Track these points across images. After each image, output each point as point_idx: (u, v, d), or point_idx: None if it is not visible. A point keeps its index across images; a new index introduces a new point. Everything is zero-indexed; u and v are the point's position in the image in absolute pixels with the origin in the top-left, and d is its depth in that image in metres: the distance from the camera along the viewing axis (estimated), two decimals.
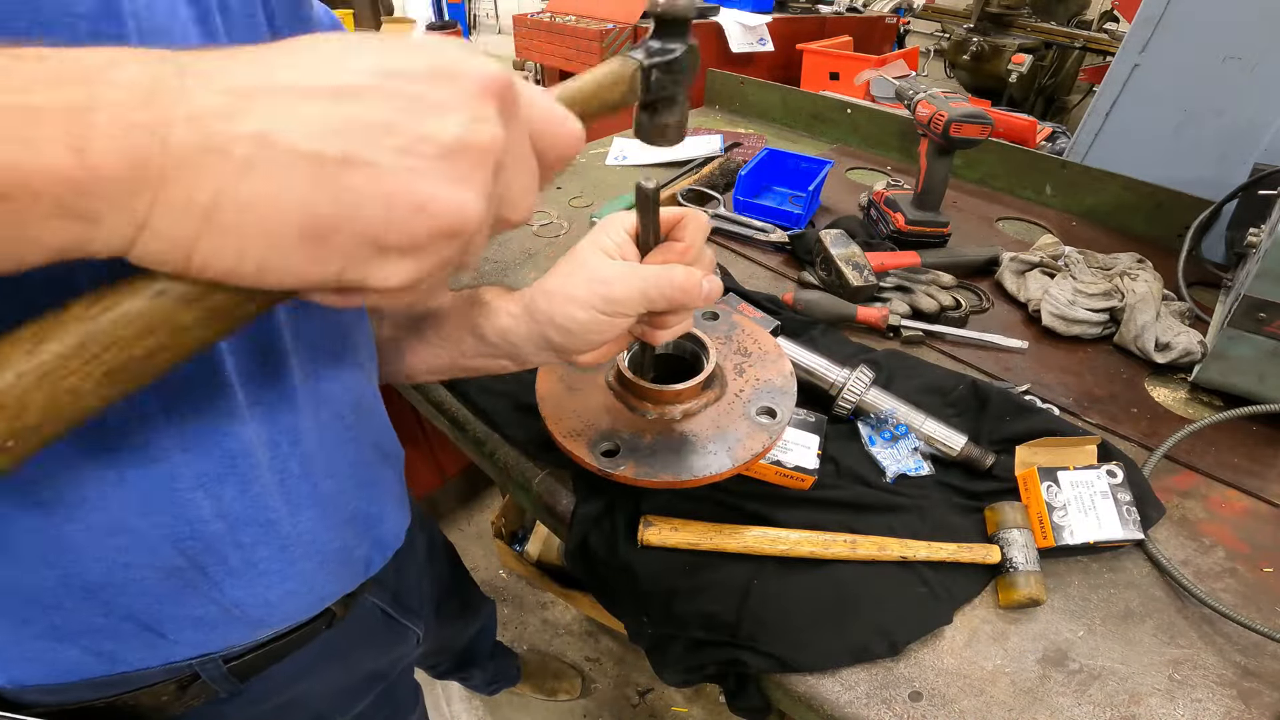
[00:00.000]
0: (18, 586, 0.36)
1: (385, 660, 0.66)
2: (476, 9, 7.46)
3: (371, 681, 0.64)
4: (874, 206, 1.16)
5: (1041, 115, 3.46)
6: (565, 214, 1.16)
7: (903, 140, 1.48)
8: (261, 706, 0.51)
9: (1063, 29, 3.53)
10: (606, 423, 0.56)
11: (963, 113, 0.96)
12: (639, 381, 0.55)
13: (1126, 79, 1.37)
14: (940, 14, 4.02)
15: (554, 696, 1.46)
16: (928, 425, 0.69)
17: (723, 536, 0.59)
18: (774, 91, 1.65)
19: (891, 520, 0.63)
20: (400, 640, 0.67)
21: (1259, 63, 1.21)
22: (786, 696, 0.54)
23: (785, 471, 0.63)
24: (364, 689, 0.64)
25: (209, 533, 0.39)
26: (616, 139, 1.48)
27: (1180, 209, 1.15)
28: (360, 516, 0.51)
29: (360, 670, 0.62)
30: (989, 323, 0.94)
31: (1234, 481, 0.72)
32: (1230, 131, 1.27)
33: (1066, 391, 0.83)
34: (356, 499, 0.50)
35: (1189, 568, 0.63)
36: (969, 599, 0.59)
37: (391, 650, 0.66)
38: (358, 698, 0.63)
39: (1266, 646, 0.57)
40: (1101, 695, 0.52)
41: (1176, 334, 0.85)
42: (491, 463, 0.72)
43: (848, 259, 0.93)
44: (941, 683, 0.53)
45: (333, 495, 0.47)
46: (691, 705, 1.47)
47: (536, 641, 1.58)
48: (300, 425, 0.42)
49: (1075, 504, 0.62)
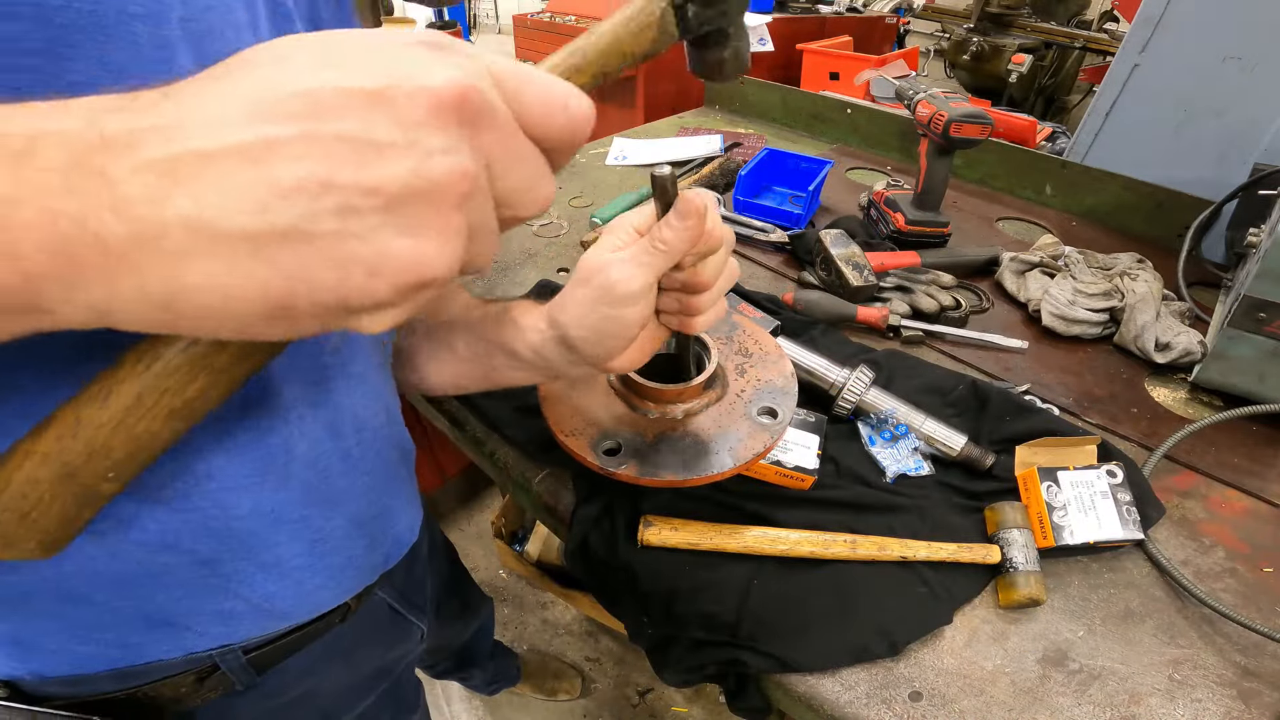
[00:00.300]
0: (48, 579, 0.36)
1: (391, 656, 0.66)
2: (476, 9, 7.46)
3: (377, 678, 0.65)
4: (874, 206, 1.16)
5: (1041, 115, 3.46)
6: (565, 214, 1.16)
7: (903, 140, 1.48)
8: (274, 701, 0.51)
9: (1063, 29, 3.53)
10: (608, 422, 0.56)
11: (963, 113, 0.96)
12: (641, 381, 0.55)
13: (1126, 79, 1.37)
14: (940, 14, 4.02)
15: (554, 696, 1.46)
16: (928, 425, 0.69)
17: (723, 536, 0.59)
18: (774, 91, 1.65)
19: (891, 520, 0.63)
20: (406, 636, 0.67)
21: (1259, 63, 1.21)
22: (786, 696, 0.54)
23: (785, 471, 0.63)
24: (370, 685, 0.64)
25: (244, 529, 0.39)
26: (616, 139, 1.48)
27: (1180, 209, 1.15)
28: (384, 513, 0.51)
29: (367, 666, 0.62)
30: (989, 323, 0.94)
31: (1234, 481, 0.72)
32: (1230, 131, 1.27)
33: (1066, 391, 0.83)
34: (383, 498, 0.51)
35: (1189, 568, 0.63)
36: (969, 599, 0.59)
37: (397, 646, 0.66)
38: (364, 694, 0.63)
39: (1266, 646, 0.57)
40: (1101, 695, 0.52)
41: (1176, 334, 0.85)
42: (491, 463, 0.72)
43: (848, 259, 0.93)
44: (941, 683, 0.53)
45: (364, 493, 0.47)
46: (691, 705, 1.47)
47: (536, 641, 1.58)
48: (342, 426, 0.43)
49: (1075, 504, 0.62)
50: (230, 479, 0.37)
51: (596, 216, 1.11)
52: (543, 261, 1.02)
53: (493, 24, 7.31)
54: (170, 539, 0.37)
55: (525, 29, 2.20)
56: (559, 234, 1.10)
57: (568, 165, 1.33)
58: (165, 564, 0.38)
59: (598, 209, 1.15)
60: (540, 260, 1.02)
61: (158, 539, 0.37)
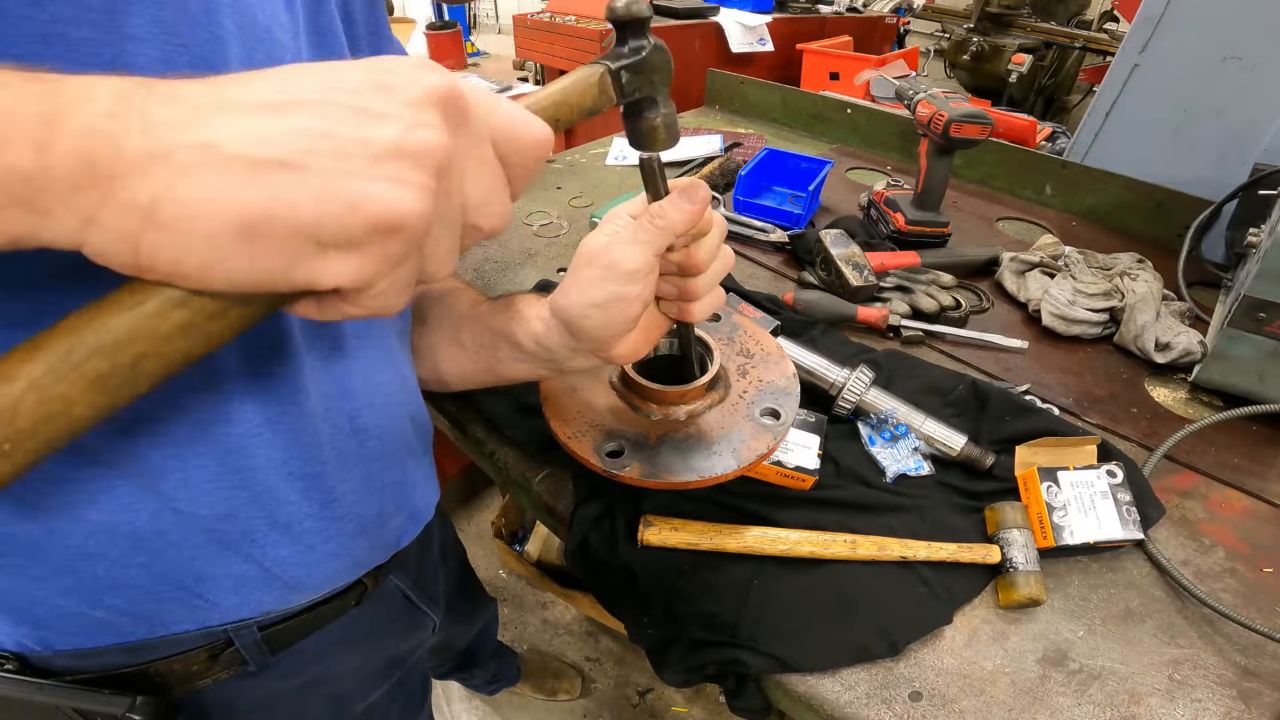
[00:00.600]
0: (60, 534, 0.35)
1: (404, 647, 0.66)
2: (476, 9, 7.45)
3: (389, 668, 0.64)
4: (874, 206, 1.16)
5: (1041, 115, 3.46)
6: (565, 214, 1.16)
7: (903, 140, 1.48)
8: (285, 684, 0.51)
9: (1063, 29, 3.53)
10: (610, 423, 0.56)
11: (963, 113, 0.96)
12: (644, 382, 0.55)
13: (1126, 79, 1.37)
14: (940, 14, 4.02)
15: (554, 696, 1.46)
16: (928, 425, 0.69)
17: (723, 536, 0.59)
18: (774, 91, 1.65)
19: (891, 520, 0.63)
20: (419, 626, 0.67)
21: (1259, 63, 1.21)
22: (786, 696, 0.54)
23: (786, 472, 0.63)
24: (382, 676, 0.64)
25: (257, 482, 0.39)
26: (616, 139, 1.48)
27: (1180, 209, 1.15)
28: (397, 485, 0.51)
29: (380, 655, 0.62)
30: (989, 323, 0.94)
31: (1234, 481, 0.72)
32: (1230, 131, 1.27)
33: (1066, 391, 0.83)
34: (396, 466, 0.50)
35: (1189, 568, 0.63)
36: (969, 599, 0.59)
37: (410, 636, 0.66)
38: (375, 684, 0.63)
39: (1266, 646, 0.57)
40: (1101, 695, 0.52)
41: (1176, 334, 0.85)
42: (491, 463, 0.72)
43: (848, 259, 0.93)
44: (941, 683, 0.53)
45: (376, 457, 0.47)
46: (691, 705, 1.48)
47: (536, 641, 1.58)
48: (352, 377, 0.43)
49: (1075, 504, 0.62)
50: (249, 423, 0.37)
51: (596, 216, 1.11)
52: (543, 261, 1.02)
53: (493, 24, 7.31)
54: (184, 489, 0.37)
55: (525, 29, 2.19)
56: (559, 234, 1.10)
57: (569, 169, 1.33)
58: (180, 516, 0.37)
59: (598, 209, 1.15)
60: (540, 260, 1.02)
61: (172, 488, 0.36)
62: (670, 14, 2.11)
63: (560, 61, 2.11)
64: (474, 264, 1.00)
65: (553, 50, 2.10)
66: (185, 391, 0.35)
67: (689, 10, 2.13)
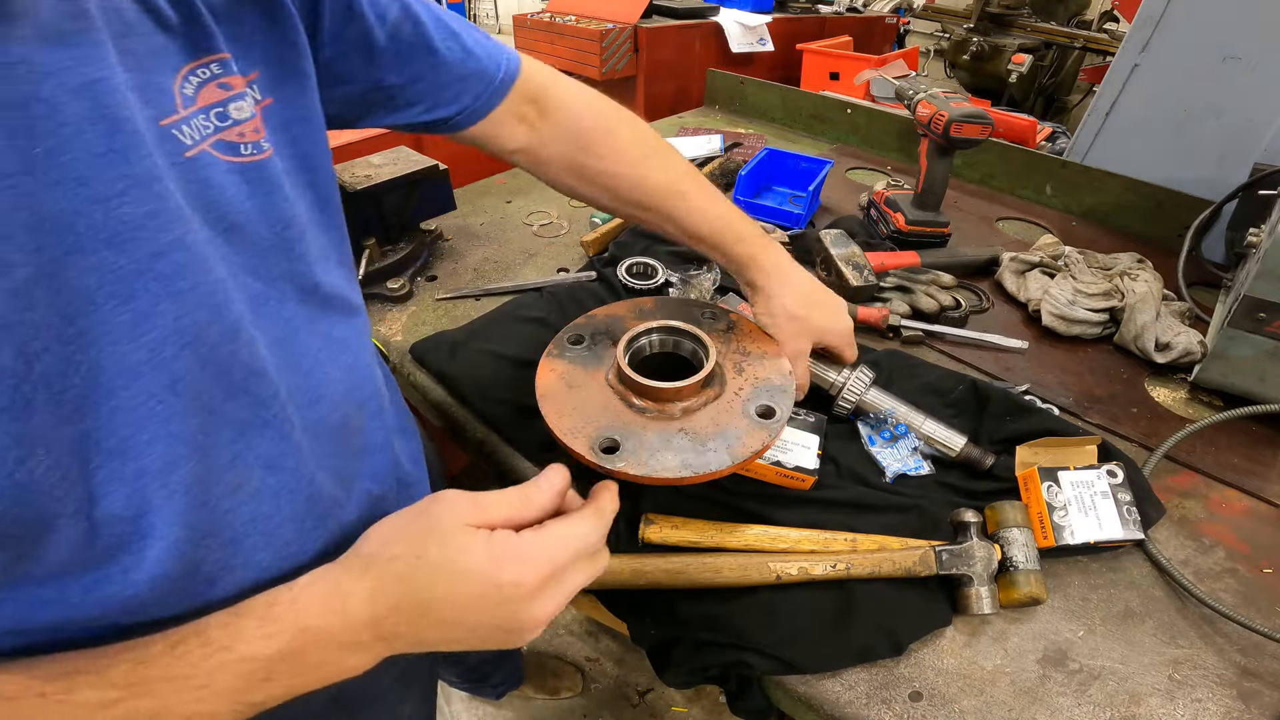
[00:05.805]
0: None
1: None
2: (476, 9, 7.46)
3: (390, 666, 0.62)
4: (874, 206, 1.16)
5: (1041, 115, 3.46)
6: (565, 214, 1.16)
7: (903, 140, 1.48)
8: None
9: (1063, 29, 3.53)
10: (606, 420, 0.56)
11: (963, 113, 0.96)
12: (639, 379, 0.55)
13: (1126, 79, 1.37)
14: (940, 14, 4.01)
15: (556, 695, 1.46)
16: (927, 425, 0.69)
17: (724, 535, 0.59)
18: (774, 91, 1.65)
19: (891, 520, 0.63)
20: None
21: (1259, 63, 1.21)
22: (787, 697, 0.54)
23: (785, 472, 0.63)
24: (382, 674, 0.62)
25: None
26: None
27: (1180, 209, 1.15)
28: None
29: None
30: (989, 323, 0.94)
31: (1234, 481, 0.72)
32: (1230, 131, 1.27)
33: (1066, 391, 0.83)
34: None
35: (1189, 568, 0.63)
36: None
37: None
38: (376, 682, 0.61)
39: (1266, 646, 0.57)
40: (1101, 695, 0.52)
41: (1176, 334, 0.85)
42: (492, 463, 0.72)
43: (848, 259, 0.93)
44: (941, 683, 0.53)
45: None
46: (691, 705, 1.47)
47: (537, 641, 1.58)
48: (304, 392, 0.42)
49: (1075, 504, 0.62)
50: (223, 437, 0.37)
51: (596, 216, 1.11)
52: (543, 261, 1.02)
53: (493, 24, 7.31)
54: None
55: (525, 29, 2.19)
56: (559, 234, 1.10)
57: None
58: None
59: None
60: (540, 260, 1.02)
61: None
62: (670, 14, 2.11)
63: (560, 62, 2.11)
64: (474, 264, 1.00)
65: (553, 50, 2.10)
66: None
67: (689, 10, 2.13)
